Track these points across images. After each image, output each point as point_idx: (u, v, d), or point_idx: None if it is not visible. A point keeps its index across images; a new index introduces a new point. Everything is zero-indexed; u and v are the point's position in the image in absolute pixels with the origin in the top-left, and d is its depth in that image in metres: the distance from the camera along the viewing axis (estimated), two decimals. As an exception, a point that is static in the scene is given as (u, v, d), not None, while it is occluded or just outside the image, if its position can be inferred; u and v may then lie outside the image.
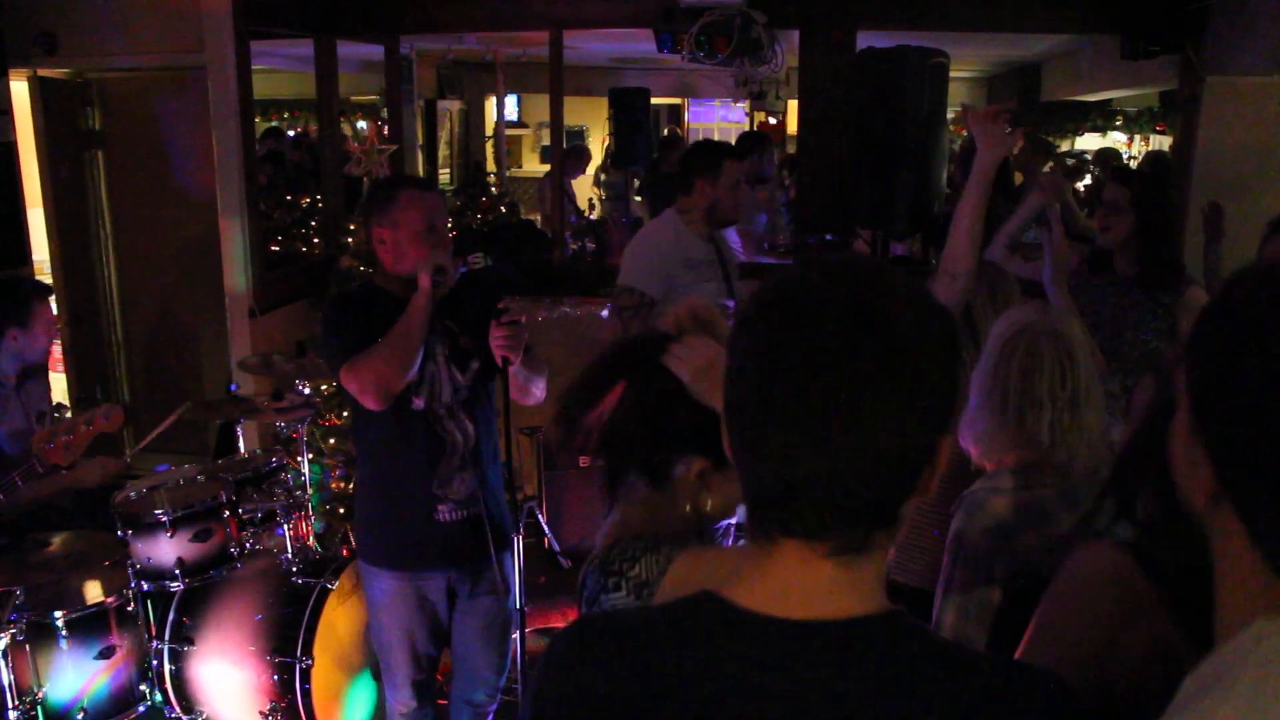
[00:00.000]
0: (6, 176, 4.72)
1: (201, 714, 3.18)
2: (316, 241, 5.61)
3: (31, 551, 3.16)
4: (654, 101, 8.63)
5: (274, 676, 3.07)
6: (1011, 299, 2.47)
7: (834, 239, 4.84)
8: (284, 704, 3.06)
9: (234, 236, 4.68)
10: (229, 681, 3.13)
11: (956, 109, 6.72)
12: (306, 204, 5.81)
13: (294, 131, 9.27)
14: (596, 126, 10.12)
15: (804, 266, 0.90)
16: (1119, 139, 9.02)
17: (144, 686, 3.12)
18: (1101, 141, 8.95)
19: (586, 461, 1.33)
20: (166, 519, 3.14)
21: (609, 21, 5.31)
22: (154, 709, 3.17)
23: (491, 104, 9.92)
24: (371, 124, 5.64)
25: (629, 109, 7.61)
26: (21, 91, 5.07)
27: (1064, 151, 8.71)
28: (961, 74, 9.82)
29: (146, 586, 3.18)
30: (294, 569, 3.26)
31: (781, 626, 0.85)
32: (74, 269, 5.43)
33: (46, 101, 5.18)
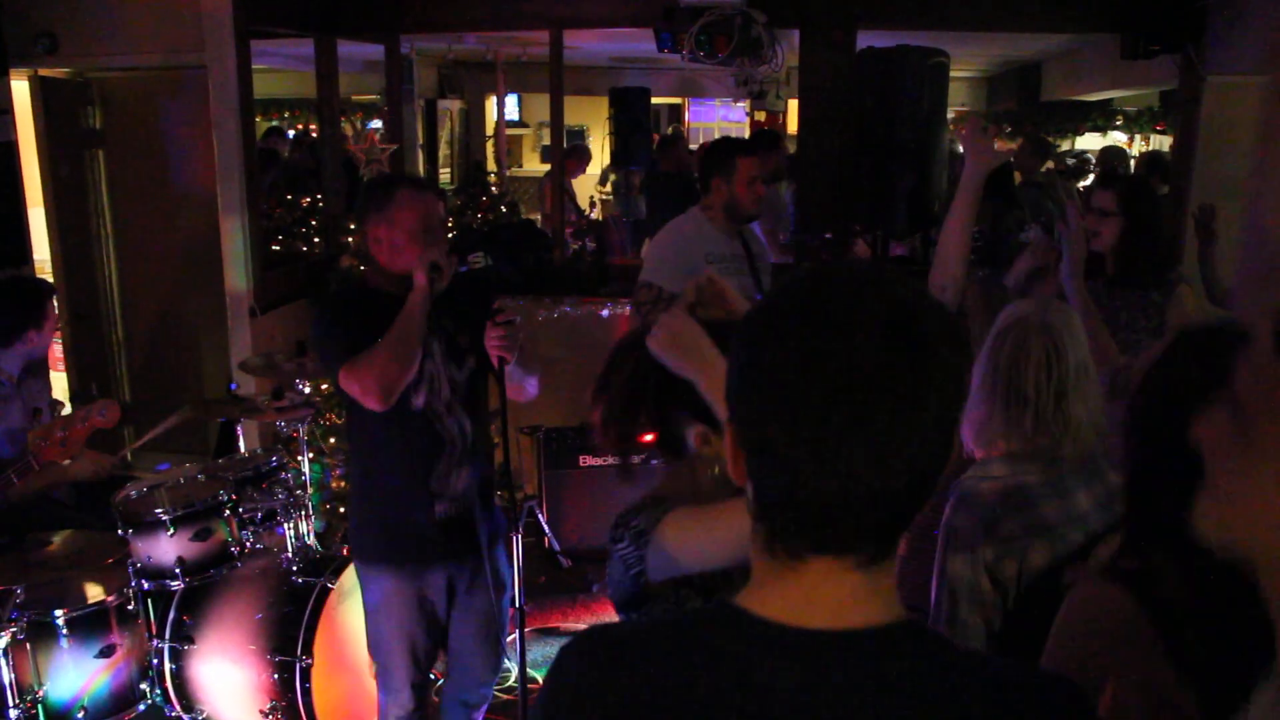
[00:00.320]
0: (7, 176, 4.72)
1: (202, 713, 3.18)
2: (317, 241, 5.61)
3: (32, 550, 3.17)
4: (654, 101, 8.63)
5: (274, 675, 3.07)
6: (1009, 299, 2.50)
7: (833, 238, 4.84)
8: (284, 703, 3.07)
9: (234, 236, 4.69)
10: (229, 680, 3.13)
11: (957, 109, 6.72)
12: (307, 203, 5.81)
13: (293, 131, 9.26)
14: (597, 126, 10.10)
15: (819, 272, 0.87)
16: (1119, 139, 9.01)
17: (144, 685, 3.12)
18: (1102, 141, 8.95)
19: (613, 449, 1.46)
20: (167, 518, 3.14)
21: (609, 21, 5.31)
22: (154, 708, 3.17)
23: (492, 103, 9.91)
24: (369, 129, 5.62)
25: (629, 108, 7.61)
26: (22, 91, 5.07)
27: (1064, 151, 8.71)
28: (961, 74, 9.81)
29: (147, 585, 3.18)
30: (294, 568, 3.26)
31: (809, 637, 0.83)
32: (74, 268, 5.44)
33: (47, 101, 5.19)
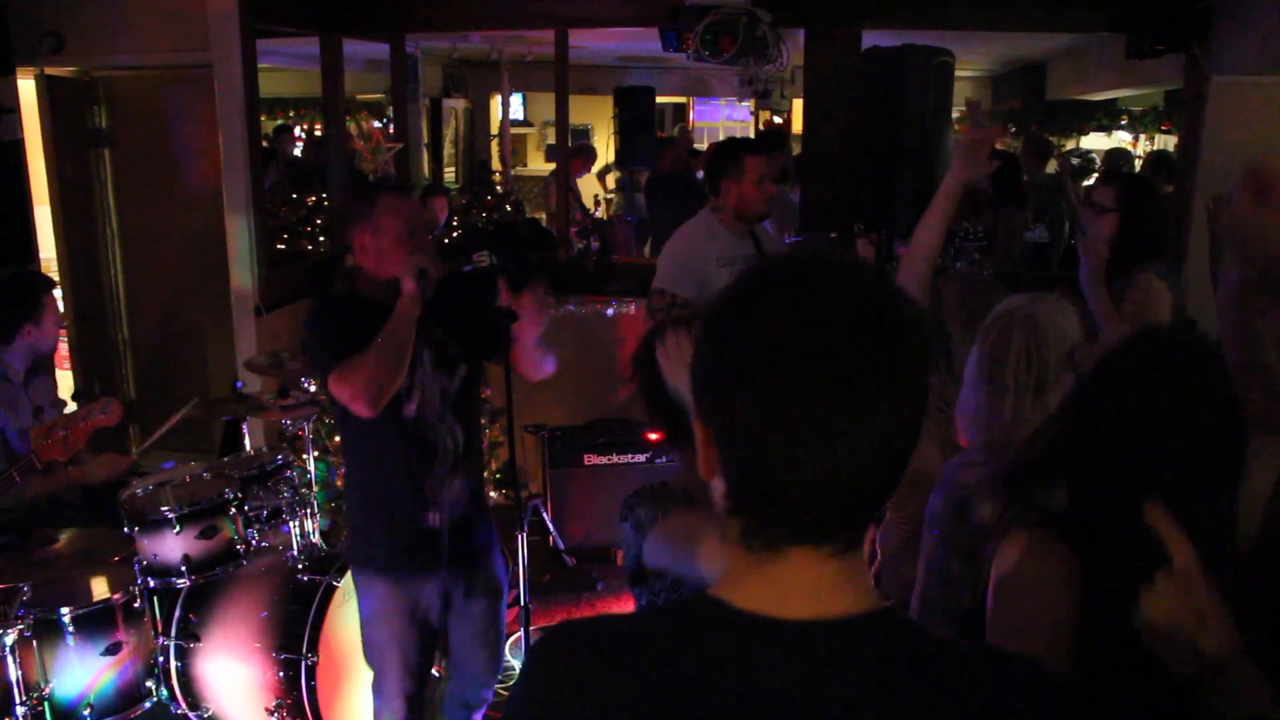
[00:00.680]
0: (13, 174, 4.74)
1: (207, 710, 3.19)
2: (322, 240, 5.62)
3: (38, 548, 3.18)
4: (659, 100, 8.62)
5: (279, 673, 3.08)
6: (990, 299, 2.47)
7: (838, 238, 4.84)
8: (289, 701, 3.07)
9: (240, 234, 4.70)
10: (234, 678, 3.14)
11: (962, 108, 6.71)
12: (312, 202, 5.83)
13: (300, 130, 9.28)
14: (602, 125, 10.11)
15: (786, 262, 0.86)
16: (1124, 138, 9.00)
17: (150, 683, 3.12)
18: (1107, 141, 8.93)
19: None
20: (173, 516, 3.16)
21: (614, 20, 5.31)
22: (160, 705, 3.18)
23: (497, 102, 9.91)
24: (374, 128, 5.64)
25: (634, 107, 7.60)
26: (28, 90, 5.09)
27: (1068, 151, 8.69)
28: (966, 73, 9.79)
29: (153, 583, 3.19)
30: (299, 566, 3.27)
31: (789, 628, 0.83)
32: (80, 267, 5.45)
33: (53, 100, 5.20)
